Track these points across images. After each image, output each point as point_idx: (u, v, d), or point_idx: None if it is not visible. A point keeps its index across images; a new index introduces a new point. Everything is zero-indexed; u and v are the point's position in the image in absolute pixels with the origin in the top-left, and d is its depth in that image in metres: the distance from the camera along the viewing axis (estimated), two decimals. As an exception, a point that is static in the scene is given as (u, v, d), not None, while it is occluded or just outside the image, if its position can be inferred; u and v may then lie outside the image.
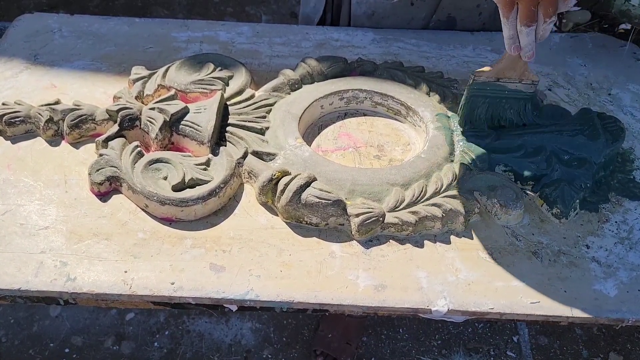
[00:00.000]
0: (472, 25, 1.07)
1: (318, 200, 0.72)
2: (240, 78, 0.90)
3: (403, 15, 1.05)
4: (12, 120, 0.82)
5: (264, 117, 0.85)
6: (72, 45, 1.00)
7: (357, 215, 0.72)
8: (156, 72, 0.89)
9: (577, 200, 0.77)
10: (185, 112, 0.81)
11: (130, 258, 0.70)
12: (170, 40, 1.02)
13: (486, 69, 0.81)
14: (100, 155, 0.77)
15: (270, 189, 0.75)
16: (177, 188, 0.74)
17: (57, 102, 0.84)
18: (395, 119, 0.91)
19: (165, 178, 0.76)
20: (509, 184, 0.77)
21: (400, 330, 1.48)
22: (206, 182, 0.75)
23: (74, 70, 0.95)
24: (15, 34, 1.01)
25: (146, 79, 0.89)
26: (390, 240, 0.74)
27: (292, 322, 1.48)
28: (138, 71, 0.90)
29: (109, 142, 0.79)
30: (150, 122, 0.80)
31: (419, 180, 0.77)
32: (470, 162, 0.80)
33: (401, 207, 0.74)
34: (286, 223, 0.75)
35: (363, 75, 0.92)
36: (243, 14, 2.40)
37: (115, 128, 0.81)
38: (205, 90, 0.87)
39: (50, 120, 0.82)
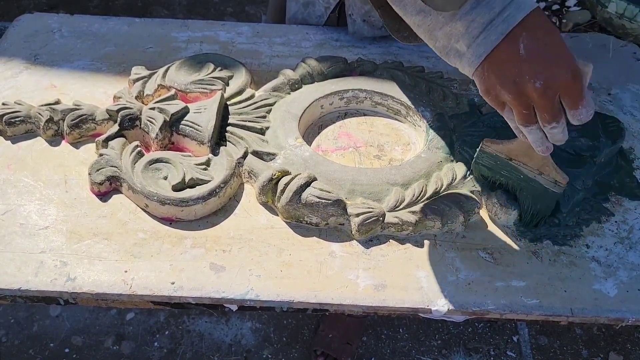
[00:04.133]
0: None
1: (318, 200, 0.72)
2: (240, 78, 0.90)
3: None
4: (12, 120, 0.82)
5: (264, 117, 0.85)
6: (72, 45, 1.00)
7: (357, 215, 0.72)
8: (156, 72, 0.89)
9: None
10: (185, 112, 0.81)
11: (131, 258, 0.70)
12: (170, 40, 1.02)
13: (498, 142, 0.71)
14: (101, 155, 0.77)
15: (270, 188, 0.75)
16: (177, 188, 0.74)
17: (57, 102, 0.84)
18: (396, 119, 0.91)
19: (165, 178, 0.76)
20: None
21: (400, 330, 1.49)
22: (206, 182, 0.75)
23: (74, 70, 0.95)
24: (15, 34, 1.02)
25: (146, 79, 0.89)
26: (390, 240, 0.74)
27: (292, 322, 1.48)
28: (138, 71, 0.90)
29: (109, 142, 0.79)
30: (151, 122, 0.80)
31: (419, 180, 0.77)
32: (470, 161, 0.80)
33: (401, 206, 0.75)
34: (286, 223, 0.75)
35: (363, 75, 0.93)
36: (243, 14, 2.40)
37: (115, 128, 0.81)
38: (205, 90, 0.87)
39: (50, 120, 0.82)
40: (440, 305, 0.68)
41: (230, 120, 0.84)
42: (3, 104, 0.84)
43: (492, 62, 0.58)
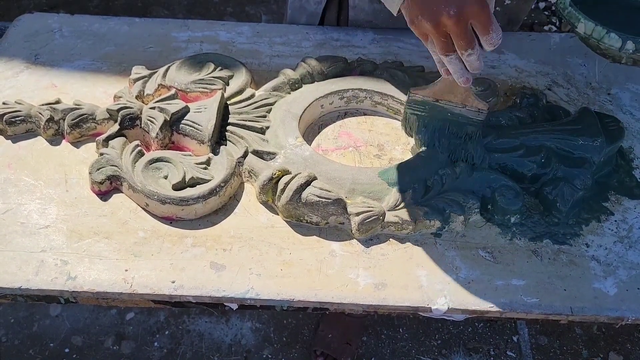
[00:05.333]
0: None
1: (318, 199, 0.72)
2: (240, 78, 0.90)
3: (402, 24, 1.05)
4: (13, 119, 0.82)
5: (264, 116, 0.85)
6: (72, 45, 1.00)
7: (358, 214, 0.72)
8: (156, 71, 0.90)
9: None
10: (185, 111, 0.82)
11: (131, 257, 0.70)
12: (170, 40, 1.02)
13: (423, 88, 0.78)
14: (101, 154, 0.77)
15: (270, 188, 0.75)
16: (177, 187, 0.74)
17: (57, 102, 0.84)
18: (396, 119, 0.91)
19: (165, 177, 0.76)
20: (509, 183, 0.77)
21: (400, 330, 1.49)
22: (207, 181, 0.75)
23: (74, 70, 0.95)
24: (15, 34, 1.02)
25: (146, 78, 0.89)
26: (391, 239, 0.74)
27: (292, 321, 1.49)
28: (138, 71, 0.90)
29: (110, 142, 0.79)
30: (151, 121, 0.80)
31: (419, 179, 0.77)
32: (470, 160, 0.80)
33: (401, 206, 0.75)
34: (286, 222, 0.75)
35: (363, 75, 0.93)
36: (243, 14, 2.40)
37: (115, 127, 0.81)
38: (205, 90, 0.87)
39: (50, 119, 0.82)
40: (440, 304, 0.68)
41: (230, 120, 0.84)
42: (3, 103, 0.84)
43: None
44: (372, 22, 1.05)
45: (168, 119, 0.80)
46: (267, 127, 0.84)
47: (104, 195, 0.77)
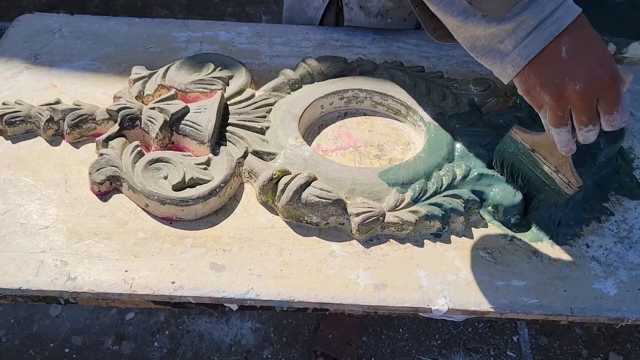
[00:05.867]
0: None
1: (318, 199, 0.72)
2: (240, 78, 0.90)
3: (409, 24, 1.05)
4: (13, 119, 0.82)
5: (264, 116, 0.85)
6: (72, 45, 1.00)
7: (358, 215, 0.72)
8: (156, 72, 0.89)
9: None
10: (185, 111, 0.81)
11: (131, 257, 0.70)
12: (170, 40, 1.02)
13: (526, 132, 0.73)
14: (101, 154, 0.77)
15: (270, 188, 0.75)
16: (177, 187, 0.74)
17: (57, 102, 0.84)
18: (395, 119, 0.91)
19: (165, 177, 0.76)
20: (509, 183, 0.77)
21: (400, 330, 1.49)
22: (206, 181, 0.75)
23: (74, 70, 0.95)
24: (15, 34, 1.02)
25: (146, 78, 0.89)
26: (391, 240, 0.74)
27: (292, 322, 1.49)
28: (138, 71, 0.90)
29: (110, 142, 0.79)
30: (151, 121, 0.80)
31: (419, 179, 0.77)
32: (470, 161, 0.80)
33: (401, 206, 0.75)
34: (286, 222, 0.75)
35: (363, 75, 0.93)
36: (243, 14, 2.40)
37: (115, 128, 0.81)
38: (205, 90, 0.87)
39: (50, 120, 0.82)
40: (440, 304, 0.68)
41: (230, 120, 0.84)
42: (3, 103, 0.84)
43: (535, 64, 0.58)
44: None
45: (168, 120, 0.80)
46: (267, 128, 0.84)
47: (103, 196, 0.77)
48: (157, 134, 0.79)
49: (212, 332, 1.46)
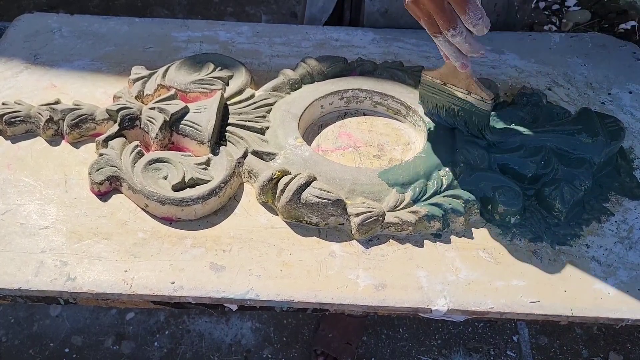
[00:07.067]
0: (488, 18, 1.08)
1: (318, 199, 0.72)
2: (240, 78, 0.90)
3: None
4: (12, 119, 0.82)
5: (264, 116, 0.85)
6: (72, 45, 1.00)
7: (357, 215, 0.72)
8: (156, 71, 0.89)
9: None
10: (185, 111, 0.81)
11: (131, 257, 0.70)
12: (170, 40, 1.02)
13: (433, 69, 0.80)
14: (101, 154, 0.77)
15: (270, 188, 0.75)
16: (177, 188, 0.74)
17: (57, 102, 0.84)
18: (395, 119, 0.91)
19: (165, 178, 0.76)
20: (509, 183, 0.77)
21: (400, 330, 1.49)
22: (206, 181, 0.75)
23: (74, 70, 0.95)
24: (15, 34, 1.02)
25: (146, 78, 0.89)
26: (390, 240, 0.74)
27: (292, 321, 1.48)
28: (138, 71, 0.90)
29: (109, 142, 0.79)
30: (150, 121, 0.80)
31: (419, 180, 0.77)
32: (470, 161, 0.80)
33: (401, 206, 0.75)
34: (286, 223, 0.75)
35: (363, 75, 0.93)
36: (243, 14, 2.40)
37: (115, 128, 0.81)
38: (205, 90, 0.87)
39: (50, 120, 0.82)
40: (440, 304, 0.68)
41: (230, 120, 0.84)
42: (3, 103, 0.84)
43: None
44: (386, 12, 1.06)
45: (168, 120, 0.80)
46: (267, 128, 0.84)
47: (103, 196, 0.76)
48: (156, 134, 0.79)
49: (212, 332, 1.46)
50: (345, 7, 1.11)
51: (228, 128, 0.83)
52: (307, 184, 0.74)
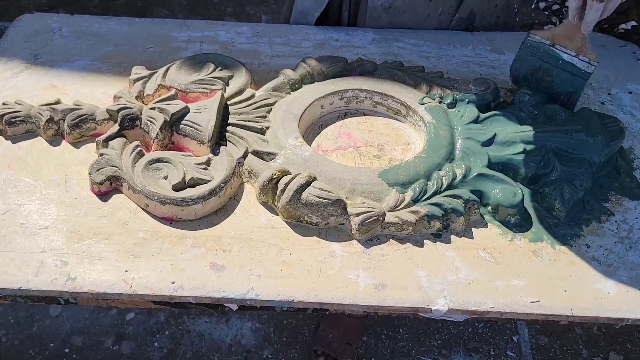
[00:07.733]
0: (488, 19, 1.08)
1: (318, 199, 0.72)
2: (240, 78, 0.90)
3: (420, 11, 1.05)
4: (13, 120, 0.82)
5: (264, 116, 0.85)
6: (72, 45, 1.00)
7: (358, 215, 0.72)
8: (156, 72, 0.89)
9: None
10: (185, 111, 0.81)
11: (131, 257, 0.70)
12: (170, 40, 1.02)
13: (543, 31, 0.83)
14: (101, 154, 0.77)
15: (270, 188, 0.75)
16: (177, 187, 0.74)
17: (57, 102, 0.84)
18: (395, 119, 0.91)
19: (165, 177, 0.76)
20: (509, 183, 0.77)
21: (400, 330, 1.48)
22: (206, 181, 0.75)
23: (74, 70, 0.95)
24: (15, 34, 1.02)
25: (146, 78, 0.89)
26: (391, 240, 0.74)
27: (292, 322, 1.48)
28: (138, 71, 0.90)
29: (110, 142, 0.79)
30: (151, 121, 0.80)
31: (419, 179, 0.77)
32: (470, 161, 0.80)
33: (401, 206, 0.75)
34: (286, 222, 0.75)
35: (363, 75, 0.93)
36: (243, 14, 2.40)
37: (115, 128, 0.81)
38: (205, 90, 0.87)
39: (50, 120, 0.82)
40: (440, 304, 0.68)
41: (230, 120, 0.84)
42: (3, 103, 0.84)
43: None
44: (390, 7, 1.05)
45: (168, 120, 0.80)
46: (267, 128, 0.84)
47: (103, 196, 0.77)
48: (157, 134, 0.79)
49: (212, 332, 1.46)
50: (344, 9, 1.10)
51: (228, 128, 0.83)
52: (308, 183, 0.74)
